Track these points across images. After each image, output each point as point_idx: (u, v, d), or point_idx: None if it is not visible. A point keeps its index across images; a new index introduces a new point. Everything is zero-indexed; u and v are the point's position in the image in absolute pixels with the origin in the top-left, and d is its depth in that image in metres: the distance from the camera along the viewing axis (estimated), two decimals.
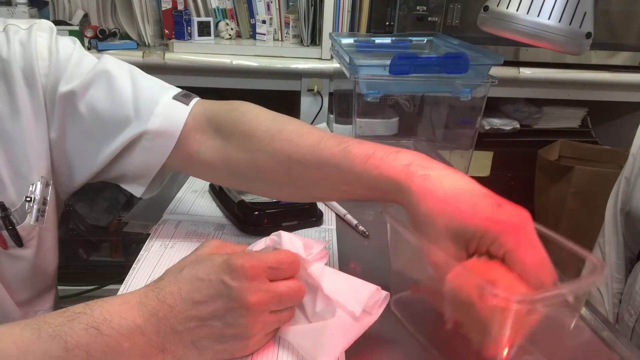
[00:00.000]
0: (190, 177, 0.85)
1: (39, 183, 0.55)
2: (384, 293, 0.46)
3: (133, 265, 0.58)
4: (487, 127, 1.56)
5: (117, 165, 0.58)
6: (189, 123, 0.57)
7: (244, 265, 0.41)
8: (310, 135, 0.51)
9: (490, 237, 0.39)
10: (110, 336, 0.39)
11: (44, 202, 0.55)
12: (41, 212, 0.55)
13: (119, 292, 0.53)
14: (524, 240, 0.39)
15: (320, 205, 0.77)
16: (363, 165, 0.46)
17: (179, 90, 0.60)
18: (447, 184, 0.42)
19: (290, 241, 0.46)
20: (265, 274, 0.42)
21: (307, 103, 1.37)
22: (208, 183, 0.80)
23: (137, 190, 0.60)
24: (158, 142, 0.56)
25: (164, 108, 0.56)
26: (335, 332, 0.44)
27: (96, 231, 1.61)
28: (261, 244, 0.47)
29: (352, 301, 0.44)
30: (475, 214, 0.40)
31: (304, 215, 0.70)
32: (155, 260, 0.60)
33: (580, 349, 0.50)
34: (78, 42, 0.58)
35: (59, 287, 0.93)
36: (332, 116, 1.35)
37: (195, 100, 0.59)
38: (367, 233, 0.70)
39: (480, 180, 0.44)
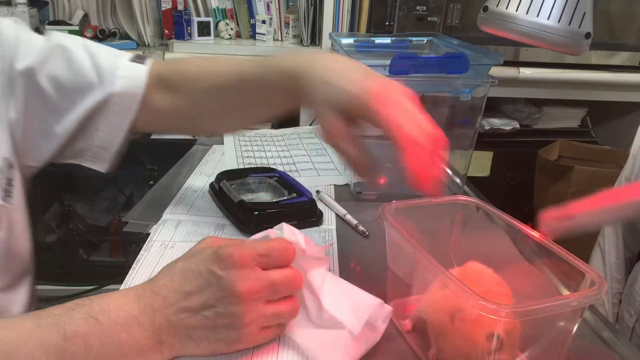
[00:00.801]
0: (191, 176, 0.85)
1: (0, 164, 0.55)
2: (388, 308, 0.46)
3: (133, 265, 0.58)
4: (487, 127, 1.56)
5: (82, 137, 0.60)
6: (147, 82, 0.60)
7: (232, 254, 0.41)
8: (235, 64, 0.59)
9: (363, 104, 0.45)
10: (108, 326, 0.39)
11: (8, 182, 0.56)
12: (7, 192, 0.56)
13: None
14: (392, 102, 0.44)
15: (320, 205, 0.77)
16: (277, 65, 0.53)
17: (132, 54, 0.63)
18: (339, 62, 0.49)
19: (291, 231, 0.45)
20: (255, 261, 0.42)
21: None
22: (208, 183, 0.80)
23: (101, 165, 0.63)
24: (124, 103, 0.59)
25: (125, 71, 0.59)
26: (344, 344, 0.43)
27: (96, 231, 1.61)
28: (262, 234, 0.47)
29: (353, 319, 0.44)
30: (351, 82, 0.46)
31: (304, 215, 0.70)
32: (155, 260, 0.60)
33: (580, 349, 0.50)
34: (20, 21, 0.59)
35: (58, 287, 0.93)
36: None
37: (150, 60, 0.63)
38: (367, 233, 0.70)
39: (480, 180, 0.45)
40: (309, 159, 0.96)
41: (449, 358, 0.43)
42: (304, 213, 0.70)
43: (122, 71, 0.59)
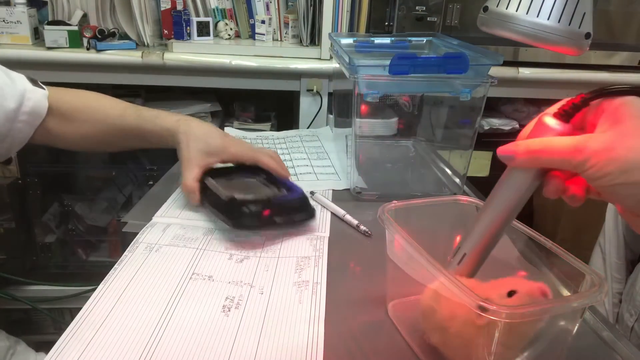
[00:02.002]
0: None
1: None
2: None
3: (115, 266, 0.58)
4: (486, 127, 1.56)
5: None
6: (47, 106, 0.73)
7: None
8: (117, 107, 0.77)
9: (224, 150, 0.74)
10: None
11: None
12: None
13: (97, 291, 0.53)
14: (238, 145, 0.75)
15: (315, 211, 0.77)
16: (152, 123, 0.75)
17: (27, 77, 0.74)
18: (200, 128, 0.74)
19: None
20: None
21: (306, 103, 1.37)
22: None
23: None
24: (29, 121, 0.72)
25: (32, 93, 0.71)
26: None
27: (95, 231, 1.60)
28: None
29: None
30: (215, 139, 0.74)
31: (298, 210, 0.69)
32: (139, 262, 0.59)
33: (580, 349, 0.50)
34: None
35: (57, 288, 0.93)
36: (331, 116, 1.34)
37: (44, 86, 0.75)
38: (369, 233, 0.70)
39: (479, 180, 0.45)
40: (309, 163, 0.96)
41: (449, 358, 0.43)
42: (299, 208, 0.69)
43: (29, 93, 0.71)
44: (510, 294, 0.39)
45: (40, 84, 0.75)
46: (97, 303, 0.52)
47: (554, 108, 0.38)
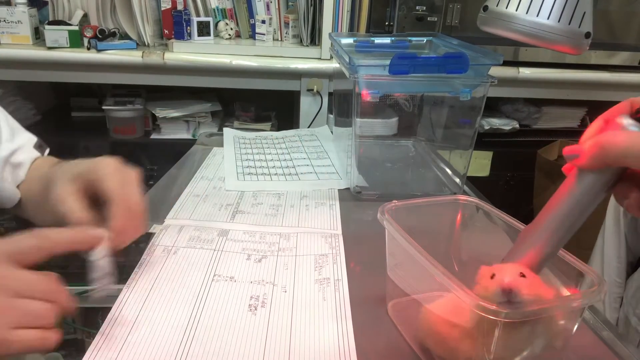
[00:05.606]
0: (192, 181, 0.84)
1: None
2: None
3: (135, 270, 0.58)
4: (486, 127, 1.56)
5: None
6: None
7: None
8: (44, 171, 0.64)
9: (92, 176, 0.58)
10: None
11: None
12: None
13: (121, 296, 0.53)
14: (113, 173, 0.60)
15: (324, 209, 0.77)
16: (73, 169, 0.59)
17: (37, 142, 0.67)
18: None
19: None
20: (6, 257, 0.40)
21: (306, 103, 1.37)
22: (210, 187, 0.80)
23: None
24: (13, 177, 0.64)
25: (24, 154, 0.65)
26: None
27: None
28: None
29: None
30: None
31: None
32: (159, 265, 0.59)
33: (580, 349, 0.50)
34: None
35: None
36: (331, 116, 1.35)
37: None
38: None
39: (480, 180, 0.45)
40: (309, 162, 0.96)
41: (448, 358, 0.43)
42: None
43: (21, 153, 0.64)
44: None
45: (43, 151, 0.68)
46: (124, 307, 0.52)
47: (616, 110, 0.35)
